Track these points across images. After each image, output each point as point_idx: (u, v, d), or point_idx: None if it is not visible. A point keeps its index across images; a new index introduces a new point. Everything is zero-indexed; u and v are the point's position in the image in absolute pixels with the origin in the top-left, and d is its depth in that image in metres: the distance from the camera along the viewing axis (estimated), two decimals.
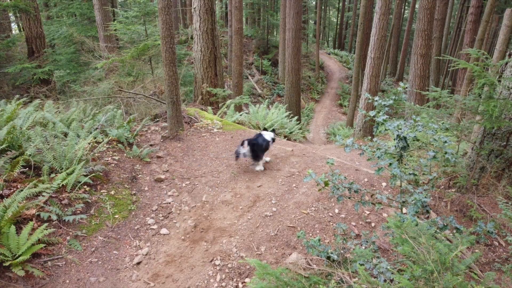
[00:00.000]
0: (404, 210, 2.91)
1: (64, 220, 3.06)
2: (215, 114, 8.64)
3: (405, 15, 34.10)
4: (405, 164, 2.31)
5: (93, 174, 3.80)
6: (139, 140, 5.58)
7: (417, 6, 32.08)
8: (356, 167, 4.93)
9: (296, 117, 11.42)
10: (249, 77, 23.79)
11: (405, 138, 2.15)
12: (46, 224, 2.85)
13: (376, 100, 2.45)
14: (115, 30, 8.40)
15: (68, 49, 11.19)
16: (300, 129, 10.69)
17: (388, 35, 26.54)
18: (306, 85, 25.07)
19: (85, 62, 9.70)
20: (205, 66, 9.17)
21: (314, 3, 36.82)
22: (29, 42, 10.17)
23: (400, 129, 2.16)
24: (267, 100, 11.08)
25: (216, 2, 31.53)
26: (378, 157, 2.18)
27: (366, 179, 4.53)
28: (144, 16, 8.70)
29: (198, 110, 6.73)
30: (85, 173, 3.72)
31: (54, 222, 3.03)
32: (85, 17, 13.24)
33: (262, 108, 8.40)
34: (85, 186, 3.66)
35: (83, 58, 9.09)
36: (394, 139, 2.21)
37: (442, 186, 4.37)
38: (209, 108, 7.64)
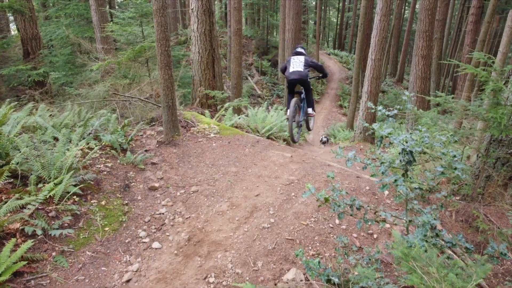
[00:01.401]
0: (410, 221, 2.75)
1: (50, 234, 2.90)
2: (212, 117, 8.48)
3: (405, 15, 33.96)
4: (410, 178, 2.16)
5: (83, 184, 3.64)
6: (133, 145, 5.42)
7: (417, 6, 31.94)
8: (357, 174, 4.77)
9: None
10: (249, 78, 23.63)
11: (411, 152, 2.00)
12: (30, 239, 2.69)
13: (380, 110, 2.30)
14: (111, 31, 8.24)
15: (65, 50, 11.04)
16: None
17: (388, 35, 26.42)
18: None
19: (82, 64, 9.53)
20: (203, 68, 9.02)
21: (314, 3, 36.68)
22: (24, 43, 10.02)
23: (406, 142, 2.00)
24: (266, 102, 10.92)
25: (216, 2, 31.35)
26: (382, 172, 2.03)
27: (367, 187, 4.37)
28: (141, 17, 8.54)
29: (195, 114, 6.57)
30: (74, 183, 3.57)
31: (39, 237, 2.87)
32: (82, 17, 13.08)
33: (261, 111, 8.24)
34: (75, 197, 3.50)
35: (79, 60, 8.92)
36: (399, 153, 2.05)
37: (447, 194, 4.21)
38: (207, 111, 7.48)
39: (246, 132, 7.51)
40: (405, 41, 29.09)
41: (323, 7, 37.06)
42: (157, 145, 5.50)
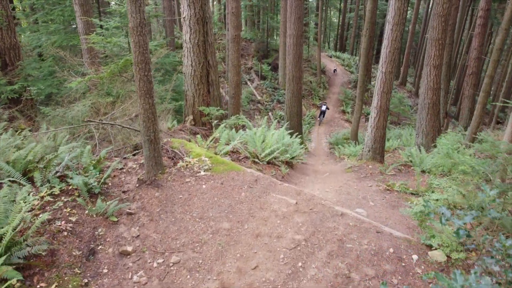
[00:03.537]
0: None
1: None
2: (207, 136, 7.64)
3: (407, 15, 33.06)
4: None
5: (30, 261, 2.81)
6: (109, 184, 4.59)
7: (420, 7, 31.06)
8: (377, 226, 3.93)
9: (297, 134, 10.44)
10: (248, 82, 22.76)
11: None
12: None
13: (443, 214, 1.47)
14: (93, 43, 7.40)
15: (47, 62, 10.17)
16: (302, 145, 9.68)
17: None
18: (308, 90, 24.05)
19: (63, 76, 8.68)
20: (197, 83, 8.17)
21: (315, 4, 35.79)
22: (1, 54, 9.15)
23: None
24: (265, 117, 10.07)
25: (214, 3, 30.42)
26: None
27: (391, 249, 3.53)
28: (127, 27, 7.69)
29: (184, 142, 5.72)
30: (16, 262, 2.73)
31: None
32: (69, 23, 12.23)
33: (260, 131, 7.37)
34: (15, 282, 2.67)
35: (58, 75, 8.06)
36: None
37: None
38: (199, 136, 6.63)
39: (244, 158, 6.68)
40: (408, 43, 28.23)
41: (324, 8, 36.17)
42: (137, 185, 4.65)
